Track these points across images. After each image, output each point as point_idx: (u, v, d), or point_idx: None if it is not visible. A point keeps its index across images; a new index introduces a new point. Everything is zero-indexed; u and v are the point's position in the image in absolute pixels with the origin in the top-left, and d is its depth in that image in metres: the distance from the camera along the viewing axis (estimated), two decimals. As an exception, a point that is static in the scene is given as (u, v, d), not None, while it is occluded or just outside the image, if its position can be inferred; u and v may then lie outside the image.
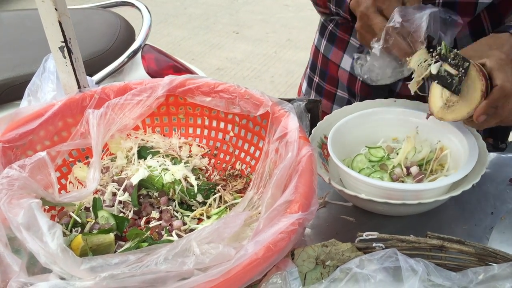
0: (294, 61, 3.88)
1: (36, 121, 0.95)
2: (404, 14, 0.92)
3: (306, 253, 0.74)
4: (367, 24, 0.97)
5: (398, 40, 0.94)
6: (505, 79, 0.87)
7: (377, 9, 0.96)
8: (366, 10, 0.97)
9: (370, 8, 0.96)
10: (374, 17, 0.96)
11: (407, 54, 0.95)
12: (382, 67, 0.99)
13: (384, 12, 0.95)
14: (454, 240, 0.74)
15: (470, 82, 0.89)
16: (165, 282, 0.64)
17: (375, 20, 0.96)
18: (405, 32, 0.93)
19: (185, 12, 4.83)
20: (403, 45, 0.94)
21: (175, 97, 1.06)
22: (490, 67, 0.88)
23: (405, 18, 0.92)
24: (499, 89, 0.87)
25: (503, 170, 1.08)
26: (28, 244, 0.66)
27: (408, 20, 0.92)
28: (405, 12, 0.93)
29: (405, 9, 0.93)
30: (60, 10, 0.95)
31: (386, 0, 0.95)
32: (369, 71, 1.01)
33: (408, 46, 0.94)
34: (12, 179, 0.78)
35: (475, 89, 0.88)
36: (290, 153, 0.81)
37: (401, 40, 0.94)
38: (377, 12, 0.96)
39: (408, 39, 0.94)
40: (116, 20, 1.96)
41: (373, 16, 0.96)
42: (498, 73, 0.88)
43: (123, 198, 0.97)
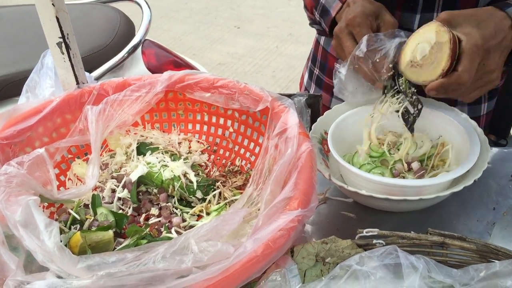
0: (296, 55, 3.86)
1: (35, 117, 0.95)
2: (372, 43, 0.95)
3: (305, 250, 0.73)
4: (340, 44, 1.01)
5: (362, 68, 0.97)
6: (467, 68, 0.87)
7: (348, 32, 0.99)
8: (339, 32, 1.00)
9: (343, 31, 1.00)
10: (345, 41, 0.99)
11: (371, 80, 0.99)
12: (350, 89, 1.02)
13: (356, 36, 0.98)
14: (455, 236, 0.73)
15: (439, 55, 0.89)
16: (163, 280, 0.63)
17: (346, 43, 0.99)
18: (371, 59, 0.96)
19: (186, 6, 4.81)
20: (366, 71, 0.98)
21: (174, 93, 1.05)
22: (462, 49, 0.88)
23: (372, 47, 0.95)
24: (456, 76, 0.88)
25: (505, 166, 1.07)
26: (25, 242, 0.65)
27: (374, 50, 0.95)
28: (375, 39, 0.96)
29: (375, 37, 0.96)
30: (57, 6, 0.94)
31: (356, 26, 0.98)
32: (339, 92, 1.04)
33: (372, 73, 0.98)
34: (10, 176, 0.78)
35: (438, 64, 0.89)
36: (289, 149, 0.80)
37: (365, 67, 0.97)
38: (349, 35, 0.99)
39: (372, 68, 0.97)
40: (116, 15, 1.95)
41: (345, 39, 0.99)
42: (464, 59, 0.87)
43: (122, 194, 0.96)
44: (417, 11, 1.11)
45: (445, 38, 0.88)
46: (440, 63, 0.89)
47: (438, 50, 0.89)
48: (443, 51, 0.88)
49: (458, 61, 0.88)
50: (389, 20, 1.00)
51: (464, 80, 0.88)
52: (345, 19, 1.00)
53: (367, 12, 0.99)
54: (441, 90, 0.90)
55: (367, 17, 0.98)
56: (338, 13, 1.06)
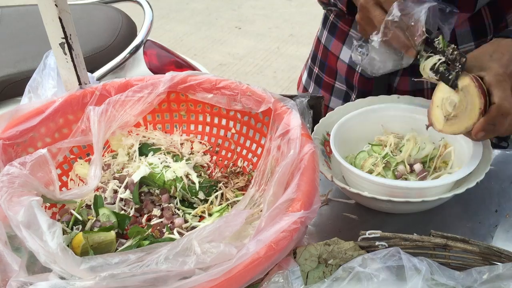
0: (297, 56, 3.86)
1: (37, 118, 0.95)
2: (403, 8, 0.92)
3: (308, 251, 0.73)
4: (367, 16, 0.98)
5: (396, 34, 0.94)
6: (503, 97, 0.87)
7: (376, 2, 0.96)
8: (365, 2, 0.97)
9: (369, 1, 0.96)
10: (373, 10, 0.96)
11: (406, 46, 0.95)
12: (382, 59, 0.99)
13: (383, 5, 0.95)
14: (458, 238, 0.73)
15: (469, 98, 0.88)
16: (166, 282, 0.63)
17: (374, 13, 0.96)
18: (404, 26, 0.93)
19: (187, 7, 4.81)
20: (402, 39, 0.94)
21: (177, 94, 1.05)
22: (489, 83, 0.88)
23: (404, 12, 0.92)
24: (496, 108, 0.87)
25: (507, 168, 1.07)
26: (28, 243, 0.65)
27: (407, 14, 0.92)
28: (404, 5, 0.93)
29: (404, 3, 0.93)
30: (60, 6, 0.94)
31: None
32: (369, 64, 1.01)
33: (407, 39, 0.94)
34: (12, 177, 0.78)
35: (473, 106, 0.88)
36: (292, 150, 0.80)
37: (400, 33, 0.94)
38: (376, 5, 0.96)
39: (407, 32, 0.94)
40: (118, 16, 1.95)
41: (372, 9, 0.96)
42: (495, 90, 0.87)
43: (124, 195, 0.96)
44: None
45: (467, 81, 0.88)
46: (474, 103, 0.88)
47: (466, 94, 0.88)
48: (471, 93, 0.87)
49: (489, 95, 0.87)
50: None
51: (505, 108, 0.87)
52: None
53: None
54: (489, 127, 0.89)
55: None
56: None
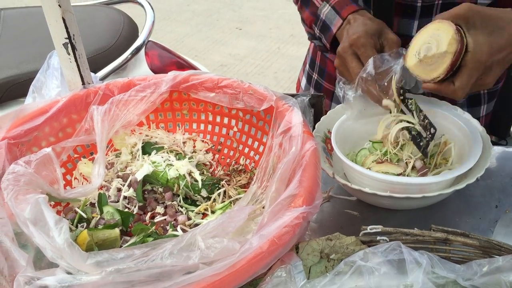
0: (297, 56, 3.87)
1: (41, 117, 0.96)
2: (378, 64, 0.94)
3: (310, 246, 0.74)
4: (344, 64, 0.99)
5: (370, 90, 0.96)
6: (463, 85, 0.87)
7: (353, 52, 0.97)
8: (343, 52, 0.98)
9: (347, 51, 0.98)
10: (350, 61, 0.98)
11: (379, 101, 0.98)
12: (359, 108, 1.01)
13: (360, 57, 0.97)
14: (458, 233, 0.74)
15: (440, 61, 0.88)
16: (170, 276, 0.64)
17: (351, 64, 0.97)
18: (379, 82, 0.95)
19: (188, 8, 4.83)
20: (374, 94, 0.97)
21: (179, 93, 1.06)
22: (465, 61, 0.87)
23: (380, 69, 0.94)
24: (451, 90, 0.88)
25: (507, 164, 1.08)
26: (35, 239, 0.66)
27: (382, 71, 0.94)
28: (380, 60, 0.95)
29: (380, 58, 0.95)
30: (63, 7, 0.95)
31: (361, 47, 0.96)
32: (347, 110, 1.03)
33: (380, 95, 0.97)
34: (18, 175, 0.79)
35: (435, 69, 0.89)
36: (294, 147, 0.81)
37: (373, 89, 0.96)
38: (353, 55, 0.97)
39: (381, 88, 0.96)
40: (119, 17, 1.96)
41: (350, 59, 0.98)
42: (463, 74, 0.87)
43: (128, 193, 0.97)
44: (415, 17, 1.11)
45: (453, 49, 0.87)
46: (437, 69, 0.89)
47: (441, 56, 0.89)
48: (445, 60, 0.88)
49: (457, 71, 0.88)
50: (393, 38, 0.99)
51: (458, 95, 0.88)
52: (348, 38, 0.98)
53: (370, 31, 0.97)
54: (435, 92, 0.91)
55: (371, 36, 0.97)
56: (339, 30, 1.04)
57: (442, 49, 0.88)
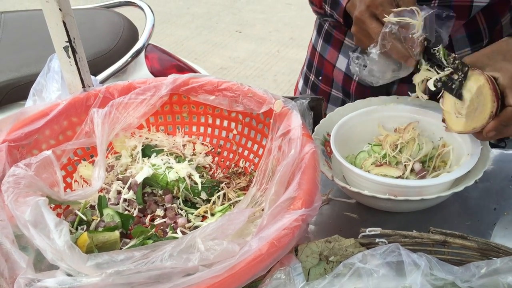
0: (297, 59, 3.88)
1: (41, 120, 0.96)
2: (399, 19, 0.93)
3: (309, 249, 0.74)
4: (363, 28, 0.98)
5: (395, 45, 0.94)
6: None
7: (371, 13, 0.96)
8: (360, 15, 0.97)
9: (364, 13, 0.96)
10: (369, 22, 0.96)
11: (405, 57, 0.96)
12: (381, 70, 1.00)
13: (379, 16, 0.95)
14: (457, 235, 0.75)
15: (481, 99, 0.88)
16: (170, 278, 0.64)
17: (370, 25, 0.96)
18: (402, 36, 0.94)
19: (188, 11, 4.84)
20: (400, 49, 0.95)
21: (179, 96, 1.07)
22: (503, 85, 0.87)
23: (401, 23, 0.93)
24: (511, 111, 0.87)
25: (506, 167, 1.08)
26: (35, 241, 0.67)
27: (404, 25, 0.93)
28: (400, 16, 0.93)
29: (400, 13, 0.93)
30: (64, 10, 0.96)
31: (379, 5, 0.95)
32: (368, 75, 1.02)
33: (406, 50, 0.95)
34: (18, 178, 0.79)
35: (485, 108, 0.88)
36: (293, 150, 0.82)
37: (398, 44, 0.94)
38: (372, 17, 0.96)
39: (406, 43, 0.94)
40: (120, 20, 1.97)
41: (368, 21, 0.96)
42: (510, 93, 0.87)
43: (128, 196, 0.98)
44: None
45: (482, 81, 0.87)
46: (486, 106, 0.88)
47: (479, 95, 0.88)
48: (485, 94, 0.87)
49: (503, 98, 0.87)
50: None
51: None
52: (364, 1, 0.96)
53: None
54: (500, 128, 0.89)
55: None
56: (349, 1, 1.03)
57: (473, 88, 0.88)
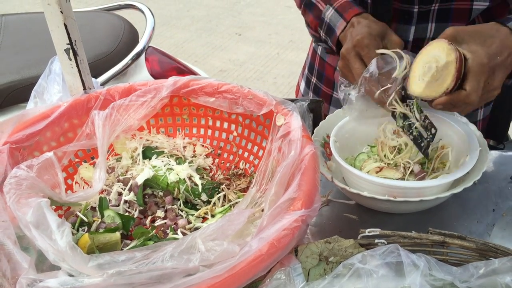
0: (297, 62, 3.89)
1: (43, 122, 0.97)
2: (381, 65, 0.95)
3: (309, 249, 0.75)
4: (347, 65, 1.00)
5: (372, 90, 0.97)
6: (475, 88, 0.88)
7: (356, 53, 0.98)
8: (346, 53, 0.99)
9: (350, 52, 0.98)
10: (353, 62, 0.98)
11: (381, 102, 0.98)
12: (360, 109, 1.02)
13: (363, 58, 0.97)
14: (455, 235, 0.75)
15: (444, 73, 0.90)
16: (171, 279, 0.65)
17: (354, 65, 0.98)
18: (382, 80, 0.96)
19: (188, 14, 4.85)
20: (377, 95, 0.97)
21: (179, 98, 1.07)
22: (469, 68, 0.88)
23: (382, 69, 0.95)
24: (464, 95, 0.88)
25: (504, 168, 1.09)
26: (37, 242, 0.67)
27: (385, 72, 0.95)
28: (382, 62, 0.95)
29: (383, 59, 0.96)
30: (65, 13, 0.97)
31: (365, 47, 0.97)
32: (348, 110, 1.03)
33: (382, 96, 0.97)
34: (20, 179, 0.80)
35: (444, 82, 0.89)
36: (293, 151, 0.82)
37: (375, 89, 0.97)
38: (356, 57, 0.98)
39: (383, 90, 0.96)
40: (120, 23, 1.97)
41: (353, 60, 0.98)
42: (471, 78, 0.88)
43: (128, 197, 0.98)
44: (412, 22, 1.12)
45: (452, 57, 0.88)
46: (445, 81, 0.89)
47: (444, 68, 0.90)
48: (449, 70, 0.89)
49: (464, 79, 0.89)
50: (396, 40, 1.00)
51: (472, 99, 0.88)
52: (351, 40, 0.99)
53: (374, 32, 0.98)
54: (449, 106, 0.91)
55: (374, 38, 0.98)
56: (342, 32, 1.05)
57: (442, 61, 0.89)
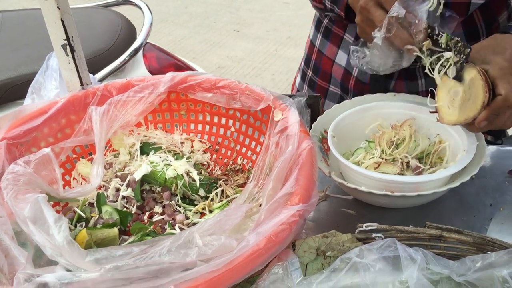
0: (295, 58, 3.88)
1: (40, 118, 0.97)
2: (405, 6, 0.93)
3: (307, 244, 0.75)
4: (367, 17, 0.98)
5: (400, 30, 0.94)
6: (509, 88, 0.88)
7: (376, 2, 0.96)
8: (365, 4, 0.97)
9: (369, 2, 0.97)
10: (374, 11, 0.96)
11: (408, 43, 0.96)
12: (383, 57, 1.00)
13: (384, 5, 0.96)
14: (452, 229, 0.75)
15: (474, 90, 0.90)
16: (168, 273, 0.65)
17: (375, 14, 0.96)
18: (407, 23, 0.94)
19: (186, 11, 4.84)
20: (405, 35, 0.95)
21: (177, 94, 1.07)
22: (493, 76, 0.90)
23: (408, 7, 0.93)
24: (502, 99, 0.89)
25: (502, 163, 1.09)
26: (35, 237, 0.67)
27: (410, 12, 0.93)
28: (405, 3, 0.94)
29: (405, 1, 0.94)
30: (62, 8, 0.96)
31: None
32: (370, 62, 1.02)
33: (410, 35, 0.95)
34: (17, 175, 0.80)
35: (477, 98, 0.90)
36: (290, 146, 0.82)
37: (403, 29, 0.94)
38: (377, 5, 0.96)
39: (410, 29, 0.94)
40: (117, 19, 1.97)
41: (373, 9, 0.96)
42: (501, 82, 0.89)
43: (126, 193, 0.98)
44: None
45: (474, 72, 0.89)
46: (478, 96, 0.89)
47: (471, 86, 0.90)
48: (477, 85, 0.89)
49: (494, 88, 0.89)
50: None
51: (511, 100, 0.88)
52: None
53: None
54: (492, 117, 0.91)
55: None
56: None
57: (466, 80, 0.90)
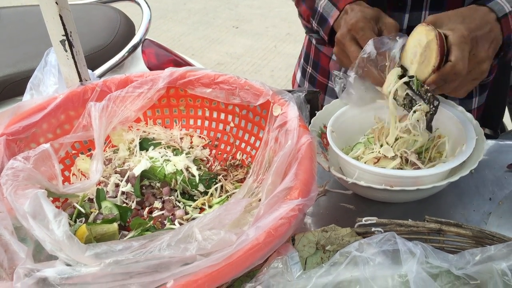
0: (294, 54, 3.88)
1: (39, 114, 0.97)
2: (378, 46, 0.95)
3: (306, 238, 0.75)
4: (343, 50, 1.00)
5: (371, 71, 0.97)
6: (459, 57, 0.89)
7: (351, 37, 0.98)
8: (341, 37, 1.00)
9: (345, 36, 0.99)
10: (349, 45, 0.98)
11: (379, 83, 0.98)
12: (359, 93, 1.02)
13: (359, 41, 0.98)
14: (452, 223, 0.75)
15: (428, 53, 0.91)
16: (168, 267, 0.65)
17: (350, 49, 0.98)
18: (378, 63, 0.96)
19: (185, 7, 4.83)
20: (375, 75, 0.98)
21: (176, 89, 1.07)
22: (450, 42, 0.90)
23: (379, 49, 0.95)
24: (450, 66, 0.89)
25: (501, 157, 1.09)
26: (35, 232, 0.67)
27: (382, 52, 0.95)
28: (379, 43, 0.96)
29: (379, 40, 0.96)
30: (60, 4, 0.96)
31: (360, 30, 0.97)
32: (347, 97, 1.04)
33: (380, 76, 0.97)
34: (17, 170, 0.80)
35: (430, 61, 0.91)
36: (289, 141, 0.82)
37: (374, 70, 0.97)
38: (352, 40, 0.98)
39: (381, 69, 0.97)
40: (116, 15, 1.97)
41: (348, 44, 0.99)
42: (455, 49, 0.89)
43: (126, 189, 0.98)
44: (406, 10, 1.13)
45: (432, 36, 0.90)
46: (430, 59, 0.91)
47: (426, 49, 0.91)
48: (431, 49, 0.91)
49: (448, 54, 0.90)
50: (391, 22, 1.00)
51: (459, 68, 0.89)
52: (346, 24, 0.99)
53: (368, 16, 0.99)
54: (440, 82, 0.92)
55: (369, 21, 0.98)
56: (336, 21, 1.05)
57: (423, 42, 0.91)
